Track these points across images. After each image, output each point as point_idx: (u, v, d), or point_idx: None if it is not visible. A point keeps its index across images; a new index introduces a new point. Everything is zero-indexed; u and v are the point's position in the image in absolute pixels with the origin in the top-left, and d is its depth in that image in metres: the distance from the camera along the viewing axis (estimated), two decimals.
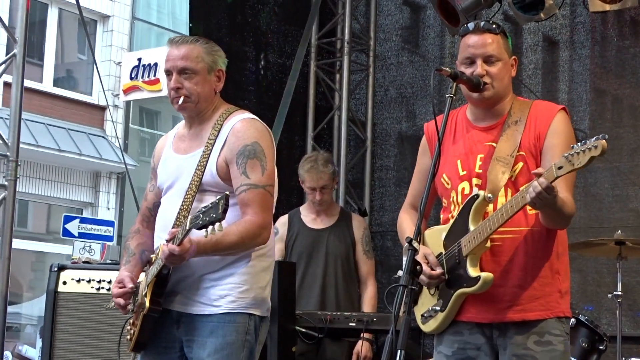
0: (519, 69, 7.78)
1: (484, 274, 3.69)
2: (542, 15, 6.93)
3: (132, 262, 4.27)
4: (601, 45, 7.64)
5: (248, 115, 4.20)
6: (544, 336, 3.74)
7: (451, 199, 3.92)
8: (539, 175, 3.43)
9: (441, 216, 4.00)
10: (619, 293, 5.61)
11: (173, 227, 4.00)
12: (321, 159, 6.34)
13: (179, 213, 4.07)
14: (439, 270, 3.78)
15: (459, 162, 3.89)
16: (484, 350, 3.82)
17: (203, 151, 4.10)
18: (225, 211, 3.65)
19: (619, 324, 5.58)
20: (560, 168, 3.38)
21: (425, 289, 3.92)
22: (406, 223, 4.05)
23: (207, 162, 4.08)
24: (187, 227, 3.77)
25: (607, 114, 7.63)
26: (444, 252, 3.84)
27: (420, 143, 4.13)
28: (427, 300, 3.93)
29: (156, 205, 4.31)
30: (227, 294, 4.06)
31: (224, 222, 3.74)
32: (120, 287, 4.17)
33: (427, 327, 3.94)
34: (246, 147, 4.05)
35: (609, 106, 7.71)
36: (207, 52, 4.17)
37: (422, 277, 3.72)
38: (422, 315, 3.95)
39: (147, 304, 4.04)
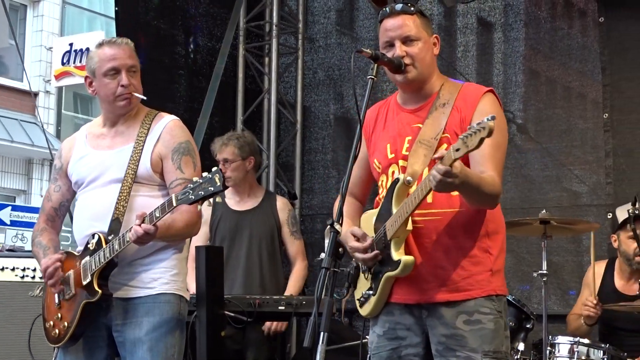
0: (451, 51, 7.84)
1: (404, 258, 3.69)
2: None
3: (50, 254, 4.30)
4: (533, 27, 7.64)
5: (174, 116, 4.39)
6: (473, 315, 3.72)
7: (381, 182, 3.93)
8: (440, 159, 3.40)
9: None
10: (544, 272, 5.65)
11: (114, 216, 4.13)
12: (233, 134, 6.39)
13: (117, 203, 4.16)
14: (374, 253, 3.77)
15: (388, 145, 3.90)
16: (414, 330, 3.83)
17: (134, 146, 4.25)
18: (224, 183, 3.82)
19: (545, 303, 5.63)
20: (457, 150, 3.31)
21: (361, 274, 3.94)
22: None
23: (140, 156, 4.22)
24: (175, 204, 3.89)
25: (540, 96, 7.64)
26: (374, 236, 3.83)
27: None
28: (362, 285, 3.95)
29: (62, 205, 4.47)
30: (159, 277, 4.23)
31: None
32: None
33: (364, 311, 3.96)
34: (181, 144, 4.27)
35: (541, 88, 7.73)
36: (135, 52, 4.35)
37: (357, 254, 3.78)
38: (359, 300, 3.97)
39: (99, 290, 4.10)
